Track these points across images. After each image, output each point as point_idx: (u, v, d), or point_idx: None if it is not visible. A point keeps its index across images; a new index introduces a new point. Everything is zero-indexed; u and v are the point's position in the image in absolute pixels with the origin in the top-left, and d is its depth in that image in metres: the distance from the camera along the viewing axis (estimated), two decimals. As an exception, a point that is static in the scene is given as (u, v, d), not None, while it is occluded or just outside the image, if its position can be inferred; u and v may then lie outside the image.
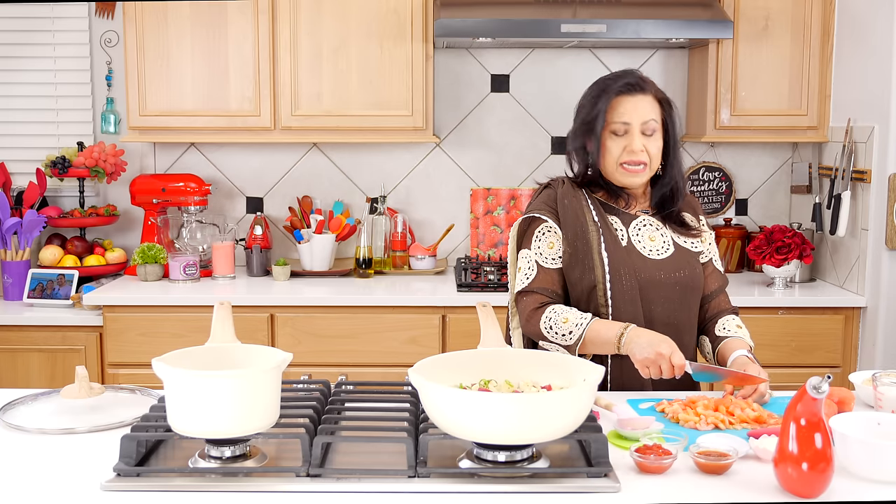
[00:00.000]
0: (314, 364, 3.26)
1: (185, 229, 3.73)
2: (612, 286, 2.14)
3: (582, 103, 2.24)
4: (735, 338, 2.20)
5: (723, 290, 2.31)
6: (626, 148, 2.15)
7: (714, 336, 2.24)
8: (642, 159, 2.16)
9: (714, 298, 2.29)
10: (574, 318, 2.12)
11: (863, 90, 3.33)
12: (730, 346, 2.18)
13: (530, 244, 2.23)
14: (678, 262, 2.20)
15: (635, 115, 2.14)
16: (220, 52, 3.52)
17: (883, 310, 3.23)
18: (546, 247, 2.21)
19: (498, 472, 1.58)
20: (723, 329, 2.24)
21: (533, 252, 2.22)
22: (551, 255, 2.21)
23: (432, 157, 3.93)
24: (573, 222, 2.18)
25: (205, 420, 1.59)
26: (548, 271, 2.20)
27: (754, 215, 3.98)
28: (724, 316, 2.27)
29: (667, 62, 3.88)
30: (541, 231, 2.22)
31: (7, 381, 3.35)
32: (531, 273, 2.21)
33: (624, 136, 2.15)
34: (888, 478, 1.58)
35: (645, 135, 2.15)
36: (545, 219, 2.21)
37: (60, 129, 3.90)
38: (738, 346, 2.17)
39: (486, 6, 3.38)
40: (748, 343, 2.20)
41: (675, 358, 2.00)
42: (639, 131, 2.14)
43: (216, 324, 1.83)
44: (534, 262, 2.21)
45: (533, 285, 2.20)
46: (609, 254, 2.15)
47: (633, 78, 2.18)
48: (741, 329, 2.24)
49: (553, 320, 2.13)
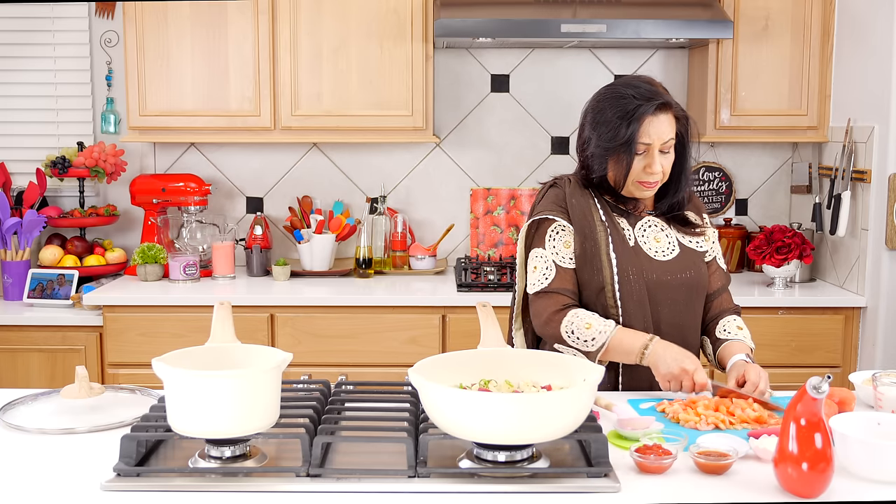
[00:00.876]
0: (314, 364, 3.26)
1: (185, 229, 3.73)
2: (621, 287, 2.14)
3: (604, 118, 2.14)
4: (734, 341, 2.20)
5: (726, 289, 2.30)
6: (646, 168, 2.13)
7: (715, 338, 2.24)
8: (658, 178, 2.16)
9: (717, 297, 2.28)
10: (597, 324, 2.10)
11: (863, 90, 3.33)
12: (729, 350, 2.17)
13: (544, 244, 2.20)
14: (684, 263, 2.20)
15: (656, 136, 2.11)
16: (220, 52, 3.52)
17: (883, 310, 3.23)
18: (563, 246, 2.18)
19: (498, 472, 1.58)
20: (723, 331, 2.23)
21: (549, 252, 2.19)
22: (568, 254, 2.18)
23: (432, 157, 3.93)
24: (582, 222, 2.17)
25: (205, 420, 1.59)
26: (566, 271, 2.18)
27: (754, 215, 3.98)
28: (726, 316, 2.26)
29: (667, 62, 3.87)
30: (554, 230, 2.19)
31: (7, 381, 3.35)
32: (549, 273, 2.17)
33: (644, 156, 2.13)
34: (888, 478, 1.58)
35: (662, 152, 2.14)
36: (558, 219, 2.19)
37: (60, 129, 3.90)
38: (737, 349, 2.16)
39: (486, 6, 3.38)
40: (748, 345, 2.20)
41: (698, 376, 2.00)
42: (658, 150, 2.13)
43: (216, 324, 1.83)
44: (551, 261, 2.18)
45: (553, 286, 2.16)
46: (617, 254, 2.15)
47: (661, 98, 2.12)
48: (742, 330, 2.23)
49: (575, 325, 2.11)
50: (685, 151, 2.20)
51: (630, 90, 2.13)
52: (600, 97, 2.19)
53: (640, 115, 2.10)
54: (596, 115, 2.17)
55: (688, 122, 2.19)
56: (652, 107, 2.10)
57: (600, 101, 2.18)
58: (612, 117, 2.12)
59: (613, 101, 2.14)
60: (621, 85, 2.17)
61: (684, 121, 2.18)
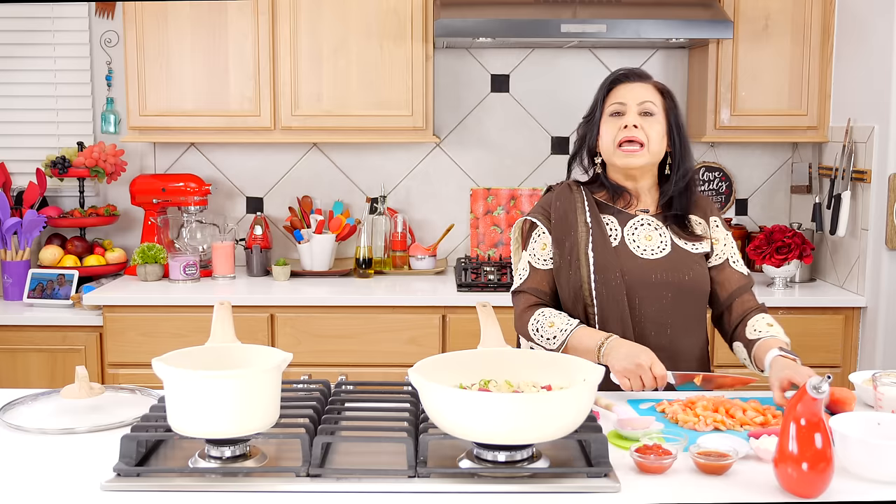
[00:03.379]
0: (314, 364, 3.26)
1: (185, 229, 3.73)
2: (597, 286, 2.16)
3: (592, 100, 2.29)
4: (768, 338, 2.11)
5: (747, 290, 2.23)
6: (625, 128, 2.15)
7: (747, 340, 2.15)
8: (638, 138, 2.15)
9: (736, 299, 2.21)
10: (560, 323, 2.15)
11: (863, 90, 3.33)
12: (764, 348, 2.08)
13: (526, 245, 2.30)
14: (673, 263, 2.18)
15: (630, 97, 2.18)
16: (220, 52, 3.52)
17: (883, 310, 3.23)
18: (539, 248, 2.26)
19: (498, 472, 1.58)
20: (754, 331, 2.15)
21: (528, 253, 2.28)
22: (543, 255, 2.25)
23: (432, 157, 3.93)
24: (562, 223, 2.22)
25: (205, 420, 1.59)
26: (539, 272, 2.25)
27: (754, 215, 3.98)
28: (753, 316, 2.18)
29: (667, 62, 3.88)
30: (536, 233, 2.27)
31: (7, 381, 3.35)
32: (524, 274, 2.27)
33: (621, 118, 2.17)
34: (888, 478, 1.58)
35: (641, 115, 2.16)
36: (538, 222, 2.26)
37: (60, 129, 3.90)
38: (771, 345, 2.06)
39: (486, 6, 3.38)
40: (783, 340, 2.11)
41: (655, 368, 1.98)
42: (635, 112, 2.16)
43: (216, 324, 1.83)
44: (527, 262, 2.27)
45: (525, 285, 2.26)
46: (595, 254, 2.16)
47: (632, 69, 2.25)
48: (772, 327, 2.15)
49: (540, 323, 2.18)
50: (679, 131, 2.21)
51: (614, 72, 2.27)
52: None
53: (615, 79, 2.22)
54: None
55: (673, 99, 2.23)
56: (627, 74, 2.21)
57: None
58: (596, 95, 2.25)
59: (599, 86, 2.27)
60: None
61: (669, 96, 2.22)
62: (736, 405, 1.92)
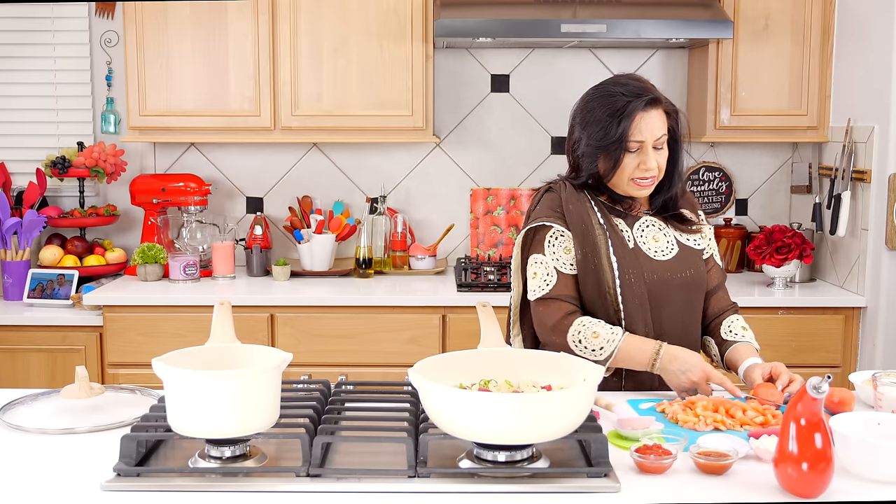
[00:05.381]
0: (314, 364, 3.26)
1: (185, 229, 3.73)
2: (623, 290, 2.13)
3: (594, 117, 2.13)
4: (743, 343, 2.19)
5: (723, 286, 2.30)
6: (641, 165, 2.12)
7: (721, 339, 2.23)
8: (654, 175, 2.15)
9: (715, 294, 2.28)
10: (605, 333, 2.10)
11: (863, 90, 3.33)
12: (740, 354, 2.16)
13: (543, 250, 2.18)
14: (683, 262, 2.20)
15: (648, 133, 2.10)
16: (220, 52, 3.52)
17: (883, 310, 3.23)
18: (563, 252, 2.17)
19: (498, 472, 1.58)
20: (729, 332, 2.22)
21: (549, 257, 2.17)
22: (568, 260, 2.16)
23: (432, 157, 3.93)
24: (580, 227, 2.15)
25: (205, 420, 1.59)
26: (567, 277, 2.16)
27: (754, 215, 3.98)
28: (729, 316, 2.26)
29: (667, 62, 3.88)
30: (552, 236, 2.18)
31: (7, 381, 3.35)
32: (550, 280, 2.15)
33: (637, 153, 2.11)
34: (888, 478, 1.58)
35: (656, 149, 2.13)
36: (555, 225, 2.17)
37: (60, 129, 3.90)
38: (747, 353, 2.15)
39: (486, 6, 3.38)
40: (755, 347, 2.19)
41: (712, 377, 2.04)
42: (651, 147, 2.12)
43: (216, 324, 1.83)
44: (552, 268, 2.16)
45: (554, 292, 2.14)
46: (618, 257, 2.13)
47: (650, 94, 2.11)
48: (746, 331, 2.23)
49: (582, 334, 2.11)
50: (678, 147, 2.19)
51: (619, 88, 2.13)
52: (589, 97, 2.18)
53: (631, 111, 2.08)
54: (585, 115, 2.15)
55: (678, 117, 2.18)
56: (642, 103, 2.09)
57: (589, 101, 2.17)
58: (603, 116, 2.11)
59: (603, 100, 2.13)
60: (610, 83, 2.17)
61: (675, 115, 2.17)
62: (736, 405, 1.92)
